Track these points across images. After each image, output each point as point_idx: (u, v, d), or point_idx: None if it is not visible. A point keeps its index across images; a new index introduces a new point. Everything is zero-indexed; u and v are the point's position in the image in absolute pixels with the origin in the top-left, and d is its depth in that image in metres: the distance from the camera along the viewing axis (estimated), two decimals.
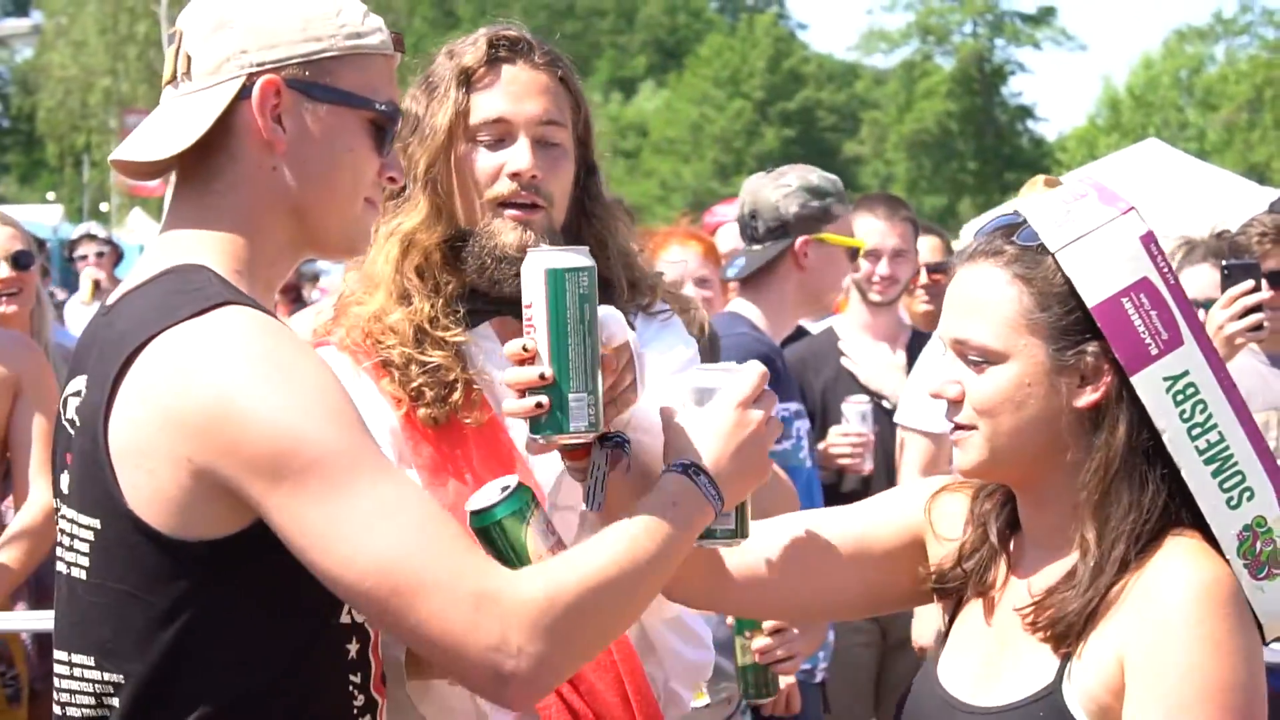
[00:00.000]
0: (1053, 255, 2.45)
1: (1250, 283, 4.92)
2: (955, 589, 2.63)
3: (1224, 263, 5.05)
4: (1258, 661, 2.37)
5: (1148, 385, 2.42)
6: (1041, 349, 2.46)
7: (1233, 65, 57.46)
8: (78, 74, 38.07)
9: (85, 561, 2.35)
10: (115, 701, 2.35)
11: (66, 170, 48.60)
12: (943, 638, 2.66)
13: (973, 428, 2.50)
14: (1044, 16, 65.57)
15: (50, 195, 47.70)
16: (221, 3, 2.44)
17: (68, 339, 6.59)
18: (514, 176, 3.10)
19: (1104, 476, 2.43)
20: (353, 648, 2.44)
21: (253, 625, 2.33)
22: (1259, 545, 2.43)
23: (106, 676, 2.35)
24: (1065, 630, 2.41)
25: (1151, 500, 2.43)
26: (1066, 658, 2.41)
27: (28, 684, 5.15)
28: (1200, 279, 5.63)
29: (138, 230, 35.74)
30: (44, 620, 4.96)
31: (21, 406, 5.03)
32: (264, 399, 2.23)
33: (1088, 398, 2.46)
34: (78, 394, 2.42)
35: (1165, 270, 2.45)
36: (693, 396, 2.55)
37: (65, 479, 2.45)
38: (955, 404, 2.52)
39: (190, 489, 2.27)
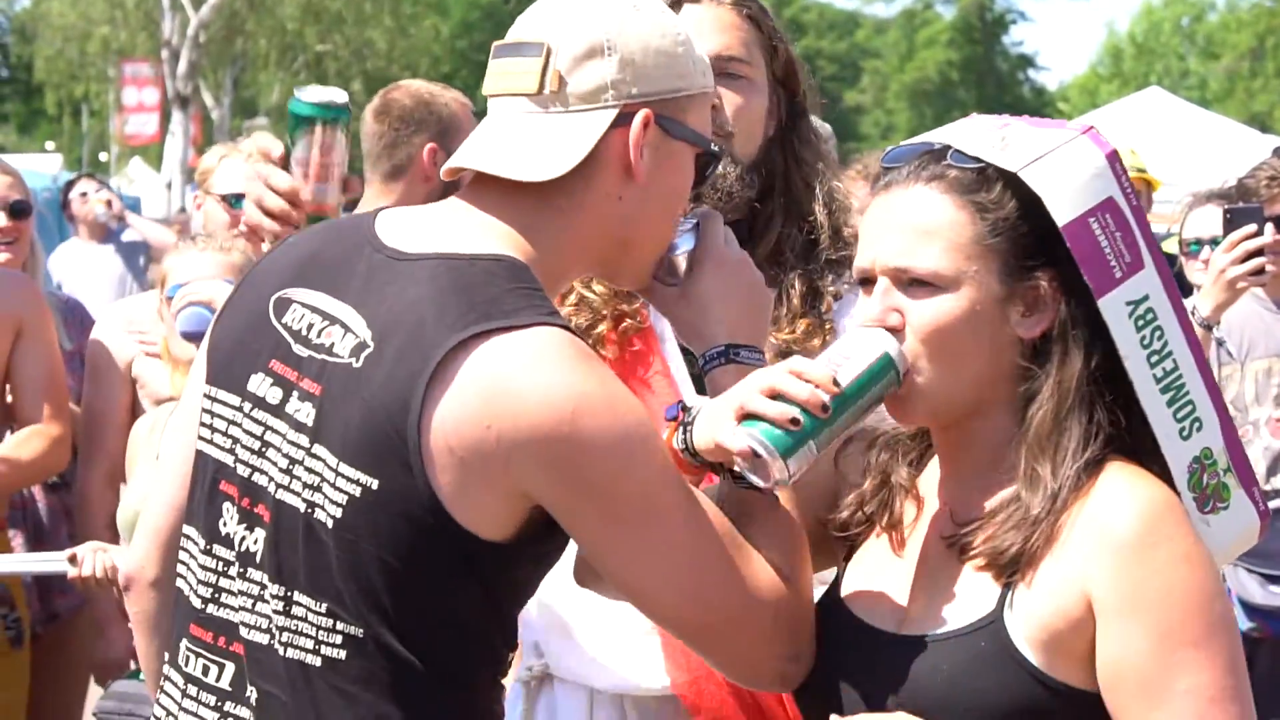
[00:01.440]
0: (1012, 176, 2.36)
1: (1253, 226, 4.92)
2: (855, 535, 2.57)
3: (1226, 207, 5.05)
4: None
5: (1113, 310, 2.34)
6: (993, 276, 2.37)
7: (1234, 13, 57.26)
8: (76, 22, 37.89)
9: (337, 511, 2.31)
10: (340, 654, 2.34)
11: (65, 119, 48.49)
12: (837, 577, 2.57)
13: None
14: None
15: (49, 145, 47.62)
16: (596, 27, 2.41)
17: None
18: None
19: (1058, 407, 2.35)
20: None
21: (470, 623, 2.38)
22: (1205, 478, 2.38)
23: (340, 626, 2.33)
24: (1013, 559, 2.32)
25: (1099, 427, 2.35)
26: (1008, 587, 2.33)
27: (29, 626, 5.16)
28: (1206, 218, 5.63)
29: (137, 180, 35.73)
30: (48, 563, 4.97)
31: (23, 345, 5.02)
32: (602, 430, 2.27)
33: (1035, 327, 2.38)
34: (328, 319, 2.38)
35: (1128, 190, 2.38)
36: (665, 266, 2.59)
37: (274, 391, 2.39)
38: (893, 333, 2.41)
39: (493, 490, 2.30)
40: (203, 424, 2.51)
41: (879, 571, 2.49)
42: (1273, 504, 5.28)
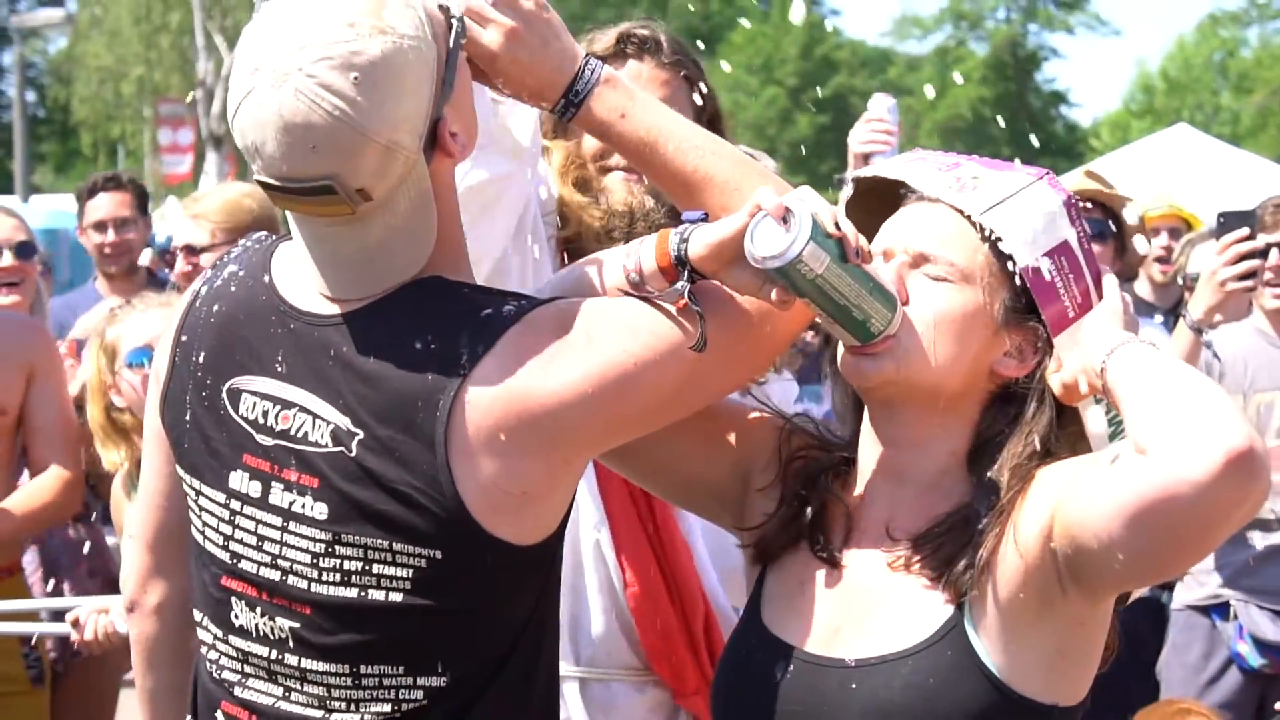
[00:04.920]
0: (971, 218, 2.45)
1: (1245, 230, 4.94)
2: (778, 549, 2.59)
3: (1220, 211, 5.08)
4: None
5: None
6: (1000, 298, 2.45)
7: (1266, 49, 57.05)
8: (112, 64, 38.09)
9: (405, 584, 2.33)
10: (423, 701, 2.37)
11: (101, 159, 48.74)
12: (758, 604, 2.58)
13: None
14: (1077, 1, 65.25)
15: None
16: (350, 132, 2.30)
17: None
18: (624, 167, 3.39)
19: (1022, 450, 2.42)
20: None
21: (539, 613, 2.45)
22: None
23: (420, 680, 2.37)
24: (967, 570, 2.36)
25: (1050, 451, 2.44)
26: (963, 597, 2.37)
27: (49, 666, 5.19)
28: (1211, 254, 5.67)
29: (172, 219, 35.84)
30: (50, 626, 5.00)
31: (37, 389, 5.07)
32: (624, 376, 2.33)
33: (1016, 369, 2.47)
34: (280, 404, 2.37)
35: (1083, 235, 2.46)
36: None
37: (254, 485, 2.40)
38: None
39: (562, 492, 2.38)
40: (192, 512, 2.51)
41: (811, 598, 2.50)
42: (1276, 538, 5.31)
